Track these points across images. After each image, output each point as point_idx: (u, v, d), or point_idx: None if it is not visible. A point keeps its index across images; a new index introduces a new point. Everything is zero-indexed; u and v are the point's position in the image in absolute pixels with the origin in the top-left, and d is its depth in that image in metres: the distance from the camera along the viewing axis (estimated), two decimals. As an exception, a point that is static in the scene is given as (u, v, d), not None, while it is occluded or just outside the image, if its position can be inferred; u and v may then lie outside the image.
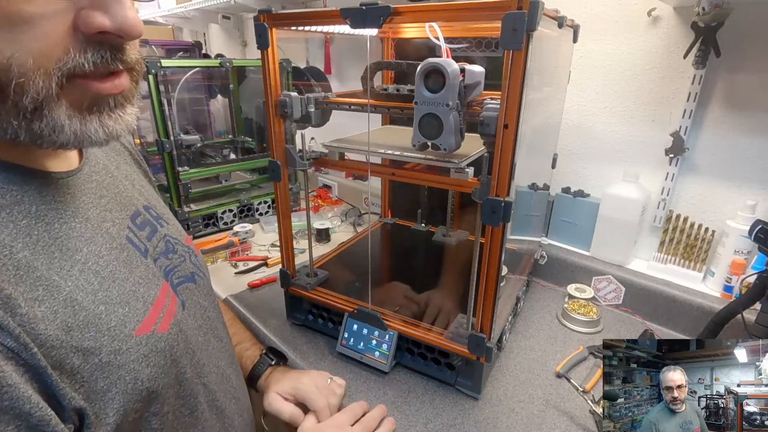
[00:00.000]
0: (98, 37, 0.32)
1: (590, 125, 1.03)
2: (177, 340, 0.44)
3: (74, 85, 0.32)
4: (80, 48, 0.31)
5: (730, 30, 0.79)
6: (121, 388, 0.37)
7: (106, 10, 0.31)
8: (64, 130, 0.33)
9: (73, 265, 0.37)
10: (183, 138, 1.21)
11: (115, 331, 0.37)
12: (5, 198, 0.34)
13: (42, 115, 0.32)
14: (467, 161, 0.63)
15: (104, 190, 0.45)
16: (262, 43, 0.68)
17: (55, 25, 0.30)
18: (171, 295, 0.47)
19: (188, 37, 2.45)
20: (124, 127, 0.36)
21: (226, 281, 1.04)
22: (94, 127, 0.34)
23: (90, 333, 0.35)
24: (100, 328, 0.36)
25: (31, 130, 0.32)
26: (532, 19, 0.47)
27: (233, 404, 0.55)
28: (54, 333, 0.32)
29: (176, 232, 0.55)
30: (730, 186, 0.89)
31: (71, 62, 0.31)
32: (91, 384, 0.35)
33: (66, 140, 0.33)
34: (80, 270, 0.37)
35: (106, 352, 0.36)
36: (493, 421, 0.65)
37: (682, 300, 0.87)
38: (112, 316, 0.37)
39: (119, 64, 0.34)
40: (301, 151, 0.75)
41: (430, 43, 0.56)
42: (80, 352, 0.34)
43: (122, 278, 0.40)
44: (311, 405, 0.63)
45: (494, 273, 0.60)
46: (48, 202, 0.37)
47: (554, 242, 1.09)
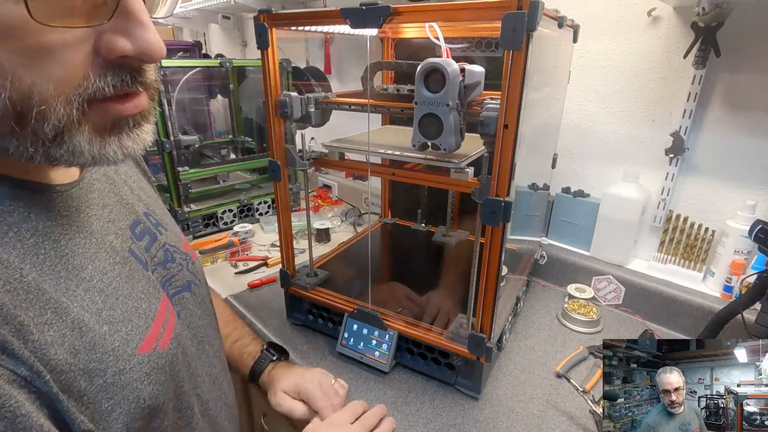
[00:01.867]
0: (119, 60, 0.31)
1: (590, 125, 1.03)
2: (176, 355, 0.44)
3: (95, 109, 0.32)
4: (100, 72, 0.31)
5: (730, 30, 0.79)
6: (125, 408, 0.36)
7: (129, 35, 0.30)
8: (83, 154, 0.32)
9: (78, 284, 0.36)
10: (182, 138, 1.21)
11: (119, 351, 0.37)
12: (13, 216, 0.33)
13: (62, 141, 0.31)
14: (467, 161, 0.63)
15: (106, 199, 0.45)
16: (262, 43, 0.68)
17: (76, 52, 0.29)
18: (170, 307, 0.46)
19: (188, 37, 2.45)
20: (141, 146, 0.36)
21: (226, 281, 1.04)
22: (113, 149, 0.34)
23: (96, 354, 0.35)
24: (105, 349, 0.36)
25: (49, 154, 0.31)
26: (532, 19, 0.47)
27: (224, 411, 0.55)
28: (63, 357, 0.32)
29: (175, 239, 0.54)
30: (730, 186, 0.89)
31: (91, 87, 0.30)
32: (96, 405, 0.34)
33: (84, 162, 0.33)
34: (85, 289, 0.37)
35: (110, 372, 0.36)
36: (493, 421, 0.66)
37: (682, 300, 0.87)
38: (115, 336, 0.37)
39: (138, 86, 0.33)
40: (301, 151, 0.75)
41: (430, 43, 0.56)
42: (86, 374, 0.34)
43: (125, 294, 0.40)
44: (314, 404, 0.63)
45: (494, 273, 0.60)
46: (54, 218, 0.37)
47: (554, 242, 1.09)
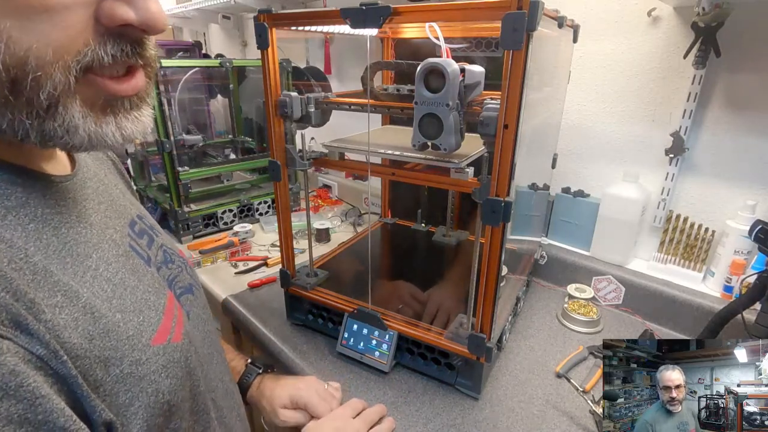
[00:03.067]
0: (120, 29, 0.30)
1: (590, 125, 1.03)
2: (190, 351, 0.42)
3: (88, 81, 0.30)
4: (100, 40, 0.29)
5: (730, 30, 0.79)
6: (144, 402, 0.35)
7: (130, 2, 0.29)
8: (78, 131, 0.31)
9: (86, 271, 0.35)
10: (185, 138, 1.21)
11: (134, 340, 0.35)
12: (10, 200, 0.32)
13: (56, 113, 0.30)
14: (467, 161, 0.63)
15: (101, 197, 0.44)
16: (262, 43, 0.68)
17: (77, 16, 0.28)
18: (177, 305, 0.45)
19: (188, 37, 2.45)
20: (141, 129, 0.35)
21: (226, 281, 1.04)
22: (111, 130, 0.32)
23: (110, 342, 0.33)
24: (120, 337, 0.34)
25: (43, 130, 0.30)
26: (532, 19, 0.47)
27: (239, 424, 0.53)
28: (78, 341, 0.30)
29: (170, 243, 0.53)
30: (730, 186, 0.89)
31: (90, 55, 0.29)
32: (113, 398, 0.32)
33: (80, 142, 0.31)
34: (93, 276, 0.35)
35: (127, 362, 0.34)
36: (493, 421, 0.66)
37: (682, 300, 0.87)
38: (129, 325, 0.35)
39: (138, 59, 0.32)
40: (301, 151, 0.75)
41: (430, 43, 0.56)
42: (102, 362, 0.32)
43: (132, 286, 0.39)
44: (314, 411, 0.62)
45: (494, 273, 0.60)
46: (52, 206, 0.35)
47: (554, 242, 1.09)
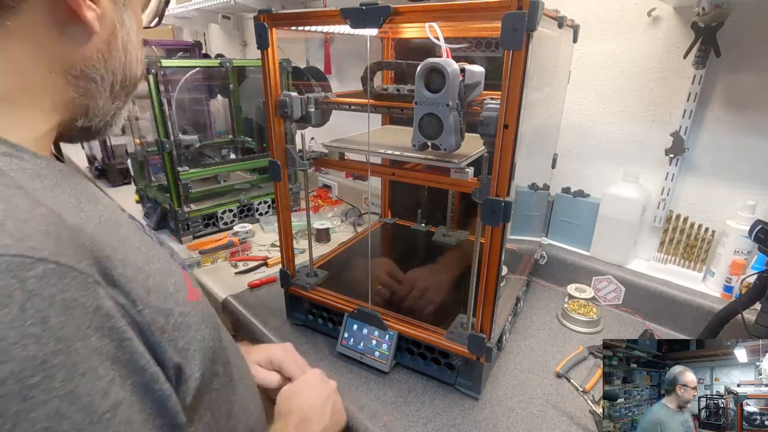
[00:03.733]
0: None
1: (590, 125, 1.03)
2: (213, 313, 0.45)
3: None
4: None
5: (730, 30, 0.79)
6: (197, 346, 0.38)
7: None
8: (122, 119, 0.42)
9: (124, 236, 0.36)
10: (181, 138, 1.21)
11: (176, 296, 0.38)
12: (56, 173, 0.34)
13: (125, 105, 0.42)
14: (467, 161, 0.63)
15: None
16: (262, 43, 0.68)
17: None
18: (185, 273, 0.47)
19: (188, 37, 2.45)
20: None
21: (226, 281, 1.04)
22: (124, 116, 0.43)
23: (161, 296, 0.35)
24: (166, 292, 0.36)
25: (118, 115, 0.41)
26: (532, 19, 0.47)
27: (249, 377, 0.55)
28: (142, 294, 0.33)
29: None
30: (730, 186, 0.89)
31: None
32: (175, 343, 0.35)
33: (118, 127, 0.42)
34: (129, 244, 0.37)
35: (177, 313, 0.36)
36: (493, 421, 0.66)
37: (682, 300, 0.87)
38: (168, 282, 0.38)
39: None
40: (301, 151, 0.75)
41: (430, 43, 0.56)
42: (161, 312, 0.34)
43: (155, 254, 0.40)
44: (288, 372, 0.65)
45: (494, 273, 0.60)
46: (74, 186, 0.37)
47: (554, 242, 1.09)
